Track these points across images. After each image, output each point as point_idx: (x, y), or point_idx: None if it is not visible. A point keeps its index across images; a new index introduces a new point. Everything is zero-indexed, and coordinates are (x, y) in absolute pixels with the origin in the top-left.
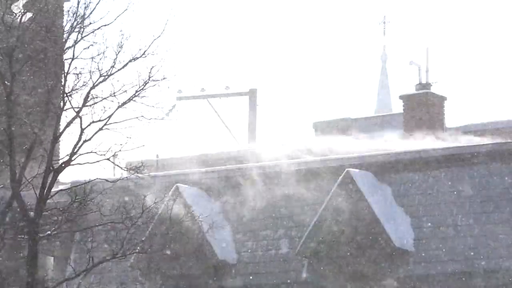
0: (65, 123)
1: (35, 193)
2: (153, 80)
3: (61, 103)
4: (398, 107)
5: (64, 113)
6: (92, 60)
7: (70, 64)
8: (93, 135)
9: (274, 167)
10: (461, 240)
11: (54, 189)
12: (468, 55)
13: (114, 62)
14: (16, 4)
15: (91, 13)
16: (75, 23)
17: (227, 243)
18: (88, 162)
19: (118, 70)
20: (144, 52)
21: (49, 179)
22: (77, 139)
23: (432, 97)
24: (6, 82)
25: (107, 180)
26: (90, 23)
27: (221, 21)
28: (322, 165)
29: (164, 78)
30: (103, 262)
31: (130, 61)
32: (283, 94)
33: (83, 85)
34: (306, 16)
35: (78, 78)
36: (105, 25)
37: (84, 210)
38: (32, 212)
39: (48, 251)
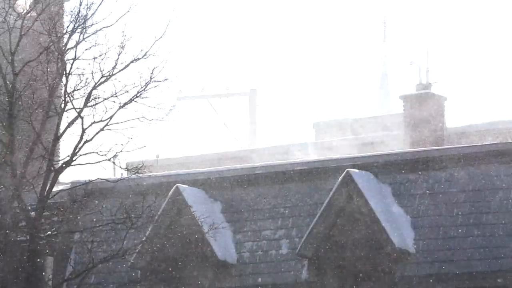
0: (66, 124)
1: (36, 193)
2: (155, 81)
3: (63, 104)
4: (398, 107)
5: (65, 113)
6: (94, 61)
7: (72, 65)
8: (94, 135)
9: (275, 167)
10: (461, 241)
11: (54, 189)
12: (469, 55)
13: (116, 63)
14: (18, 4)
15: (93, 14)
16: (77, 24)
17: (227, 244)
18: (89, 163)
19: (120, 70)
20: (146, 53)
21: (50, 179)
22: (78, 140)
23: (432, 97)
24: (8, 82)
25: (107, 181)
26: (92, 24)
27: (221, 22)
28: (322, 165)
29: (165, 79)
30: (103, 262)
31: (131, 62)
32: (284, 94)
33: (85, 85)
34: (307, 16)
35: (80, 79)
36: (107, 27)
37: (85, 210)
38: (32, 212)
39: (48, 251)
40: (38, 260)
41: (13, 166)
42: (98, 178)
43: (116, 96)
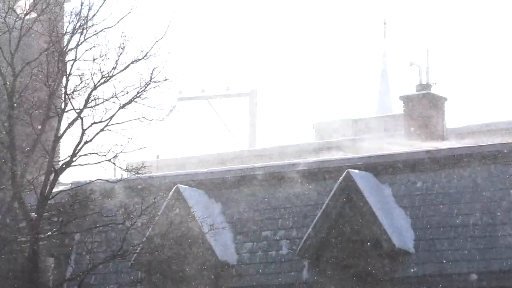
0: (67, 124)
1: (36, 194)
2: (155, 82)
3: (63, 104)
4: (398, 108)
5: (65, 114)
6: (94, 62)
7: (72, 66)
8: (94, 136)
9: (275, 168)
10: (461, 241)
11: (55, 190)
12: (468, 56)
13: (116, 64)
14: (18, 5)
15: (94, 15)
16: (77, 25)
17: (228, 244)
18: (89, 163)
19: (120, 71)
20: (146, 53)
21: (50, 180)
22: (78, 140)
23: (432, 98)
24: (8, 83)
25: (108, 181)
26: (93, 25)
27: (221, 22)
28: (322, 165)
29: (165, 80)
30: (103, 262)
31: (132, 62)
32: (284, 95)
33: (85, 86)
34: (307, 16)
35: (80, 80)
36: (108, 28)
37: (85, 210)
38: (33, 213)
39: (48, 251)
40: (39, 260)
41: (14, 167)
42: (98, 179)
43: (116, 97)
